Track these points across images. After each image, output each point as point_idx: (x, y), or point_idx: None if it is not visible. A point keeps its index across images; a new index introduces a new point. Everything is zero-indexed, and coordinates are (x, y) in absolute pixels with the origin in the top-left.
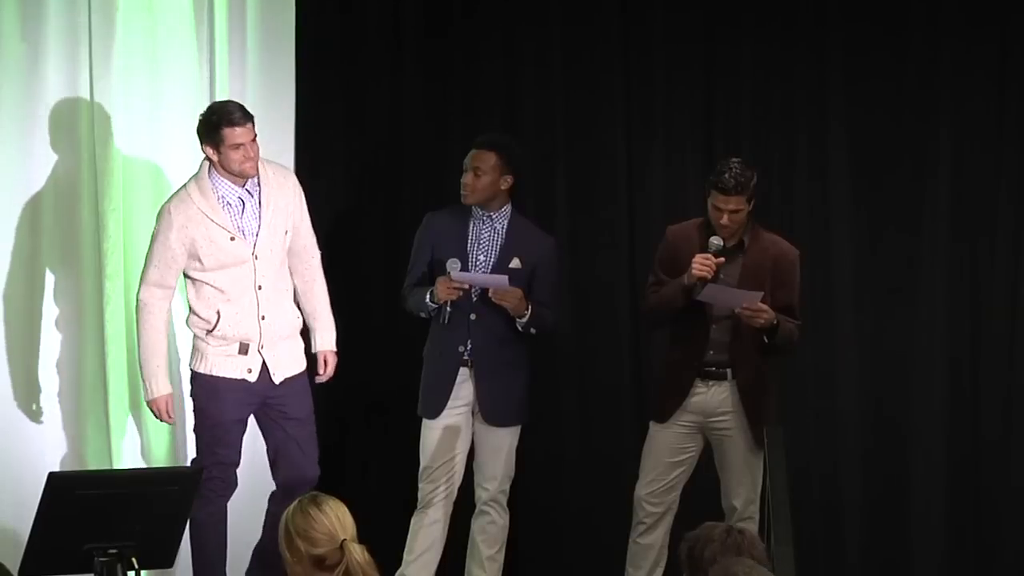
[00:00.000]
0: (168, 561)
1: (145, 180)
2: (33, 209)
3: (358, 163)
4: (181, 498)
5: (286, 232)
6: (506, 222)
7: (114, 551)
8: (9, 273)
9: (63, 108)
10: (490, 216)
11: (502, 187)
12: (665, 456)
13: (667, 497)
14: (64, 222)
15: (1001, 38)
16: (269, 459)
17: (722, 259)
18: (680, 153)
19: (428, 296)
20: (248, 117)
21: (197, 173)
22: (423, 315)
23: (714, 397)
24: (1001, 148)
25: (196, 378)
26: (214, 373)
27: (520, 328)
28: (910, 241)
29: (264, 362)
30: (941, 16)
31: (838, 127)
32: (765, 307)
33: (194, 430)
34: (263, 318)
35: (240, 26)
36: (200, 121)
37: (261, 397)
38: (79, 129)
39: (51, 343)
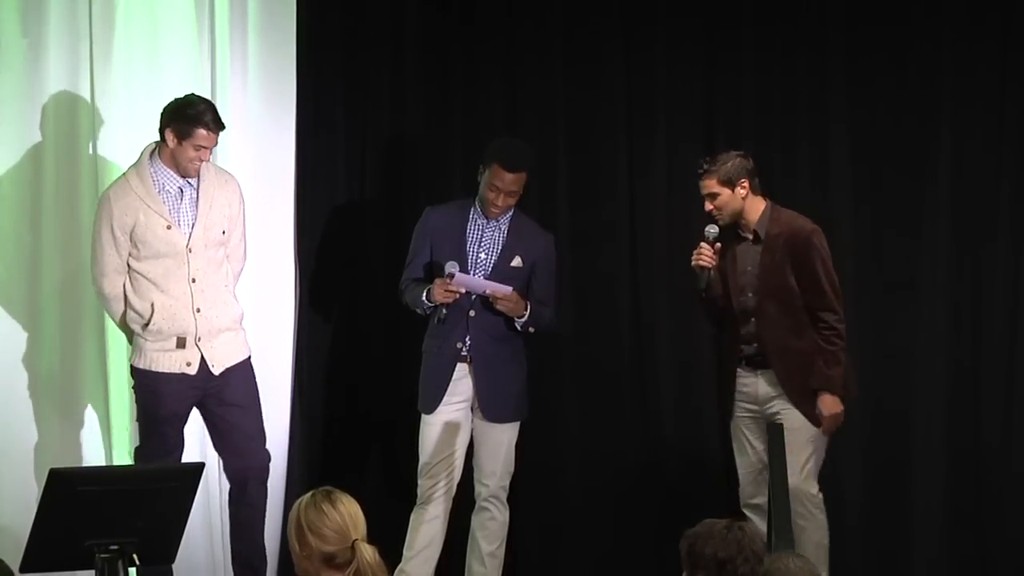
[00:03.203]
0: (169, 557)
1: None
2: (33, 206)
3: (359, 160)
4: (182, 494)
5: (223, 232)
6: (508, 220)
7: (115, 547)
8: (9, 270)
9: (63, 105)
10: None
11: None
12: (752, 451)
13: (762, 488)
14: (64, 219)
15: (1003, 37)
16: (216, 450)
17: (718, 245)
18: (681, 151)
19: (424, 295)
20: (221, 127)
21: (138, 160)
22: (419, 312)
23: (762, 385)
24: (1002, 147)
25: (135, 373)
26: (152, 368)
27: (519, 327)
28: (911, 239)
29: (203, 355)
30: (942, 15)
31: (839, 126)
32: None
33: (137, 419)
34: (198, 311)
35: (241, 23)
36: (176, 106)
37: (202, 389)
38: (79, 126)
39: (51, 340)
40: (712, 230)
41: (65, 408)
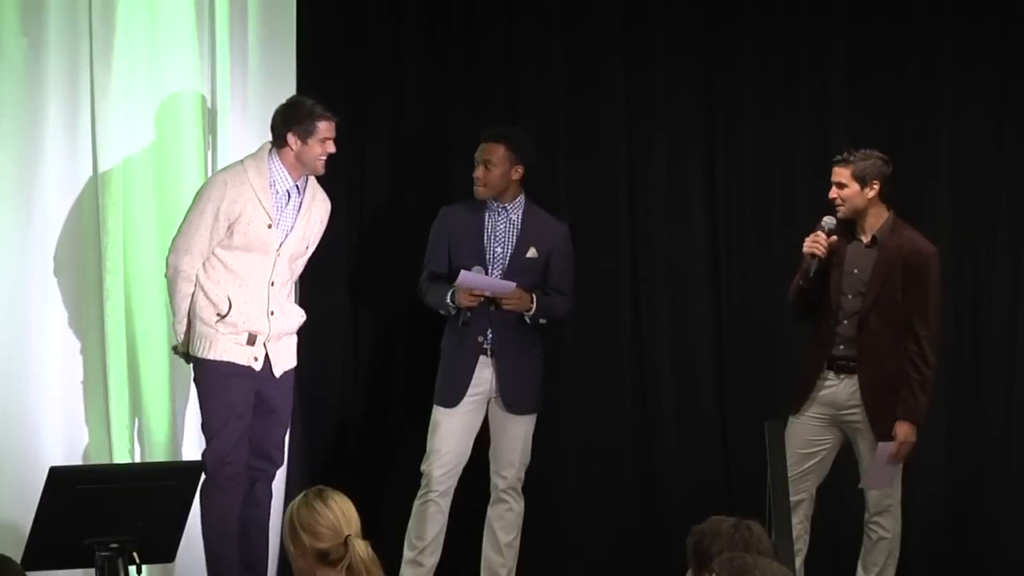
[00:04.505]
0: (169, 555)
1: (145, 175)
2: (33, 204)
3: (359, 160)
4: (182, 492)
5: (307, 247)
6: (521, 212)
7: (115, 545)
8: (9, 267)
9: (63, 103)
10: (505, 208)
11: (513, 177)
12: (797, 447)
13: (800, 485)
14: (64, 217)
15: (1003, 36)
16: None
17: (834, 238)
18: (681, 152)
19: (449, 298)
20: (336, 114)
21: (255, 153)
22: (443, 313)
23: (844, 390)
24: (1002, 147)
25: (204, 365)
26: (225, 358)
27: (529, 321)
28: None
29: (268, 354)
30: (943, 14)
31: (839, 125)
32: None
33: (203, 425)
34: (271, 313)
35: (241, 23)
36: (290, 106)
37: (259, 387)
38: (79, 124)
39: (51, 337)
40: (829, 221)
41: (66, 406)
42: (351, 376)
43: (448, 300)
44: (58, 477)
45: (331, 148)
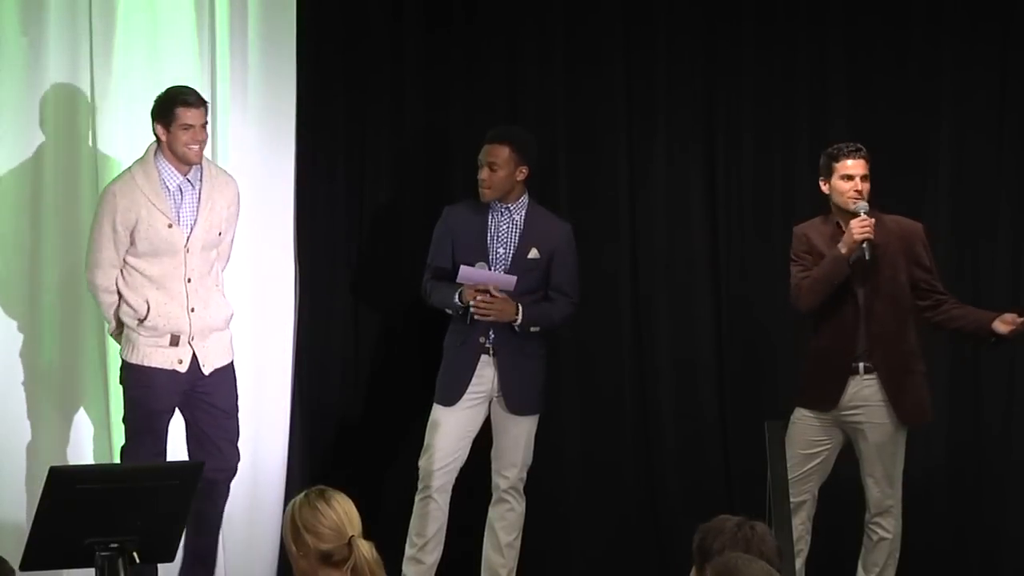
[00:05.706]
0: (169, 555)
1: None
2: (33, 204)
3: (359, 160)
4: (182, 492)
5: (220, 233)
6: (524, 213)
7: (115, 545)
8: (9, 267)
9: (63, 103)
10: (508, 208)
11: (518, 178)
12: (799, 448)
13: (803, 486)
14: (64, 217)
15: (1003, 35)
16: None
17: (874, 220)
18: (681, 151)
19: (456, 297)
20: (202, 102)
21: (143, 156)
22: (449, 312)
23: (847, 389)
24: (1002, 144)
25: (127, 368)
26: (145, 363)
27: (518, 330)
28: None
29: (194, 353)
30: (943, 12)
31: (839, 123)
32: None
33: (124, 419)
34: (192, 310)
35: (241, 23)
36: (155, 100)
37: (189, 386)
38: (79, 124)
39: (51, 338)
40: (863, 205)
41: (65, 406)
42: (351, 376)
43: (456, 299)
44: (58, 477)
45: (200, 136)
